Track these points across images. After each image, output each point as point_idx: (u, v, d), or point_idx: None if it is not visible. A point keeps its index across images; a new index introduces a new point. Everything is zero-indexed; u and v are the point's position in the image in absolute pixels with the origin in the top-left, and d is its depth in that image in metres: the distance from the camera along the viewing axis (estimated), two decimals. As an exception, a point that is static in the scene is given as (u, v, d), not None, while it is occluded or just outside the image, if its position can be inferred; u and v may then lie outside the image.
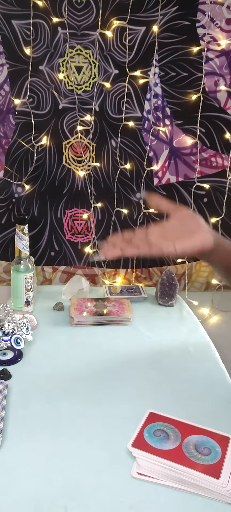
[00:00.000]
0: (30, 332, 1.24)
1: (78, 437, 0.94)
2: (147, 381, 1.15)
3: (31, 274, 1.49)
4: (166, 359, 1.27)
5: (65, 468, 0.86)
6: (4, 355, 1.22)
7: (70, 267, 1.79)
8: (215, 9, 1.61)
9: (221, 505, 0.78)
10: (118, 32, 1.62)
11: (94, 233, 1.76)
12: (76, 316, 1.44)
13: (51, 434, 0.95)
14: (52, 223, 1.75)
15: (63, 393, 1.09)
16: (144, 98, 1.67)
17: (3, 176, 1.69)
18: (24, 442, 0.92)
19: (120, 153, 1.71)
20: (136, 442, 0.87)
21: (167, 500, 0.80)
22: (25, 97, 1.64)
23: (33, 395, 1.08)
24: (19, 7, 1.58)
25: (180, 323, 1.52)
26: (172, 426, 0.92)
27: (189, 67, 1.65)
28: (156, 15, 1.60)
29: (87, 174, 1.72)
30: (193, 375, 1.20)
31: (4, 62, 1.62)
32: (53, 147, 1.69)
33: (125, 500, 0.79)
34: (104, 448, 0.91)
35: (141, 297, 1.66)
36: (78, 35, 1.61)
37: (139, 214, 1.75)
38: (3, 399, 1.03)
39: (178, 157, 1.72)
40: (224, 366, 1.24)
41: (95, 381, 1.15)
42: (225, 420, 0.99)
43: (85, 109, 1.67)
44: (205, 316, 1.82)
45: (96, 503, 0.79)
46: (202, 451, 0.85)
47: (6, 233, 1.73)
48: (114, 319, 1.46)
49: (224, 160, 1.72)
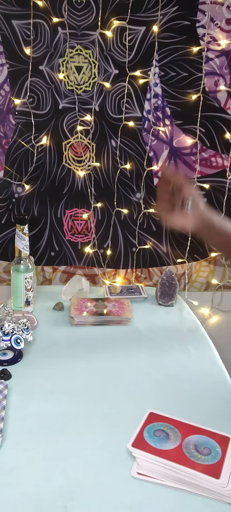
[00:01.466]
0: (30, 332, 1.24)
1: (78, 437, 0.94)
2: (147, 381, 1.16)
3: (31, 274, 1.49)
4: (166, 359, 1.27)
5: (65, 468, 0.86)
6: (4, 355, 1.22)
7: (70, 267, 1.79)
8: (215, 9, 1.61)
9: (221, 505, 0.78)
10: (118, 32, 1.62)
11: (94, 233, 1.76)
12: (76, 316, 1.44)
13: (51, 434, 0.95)
14: (52, 223, 1.75)
15: (63, 393, 1.09)
16: (144, 98, 1.67)
17: (3, 176, 1.69)
18: (24, 442, 0.92)
19: (120, 153, 1.71)
20: (136, 442, 0.87)
21: (167, 500, 0.80)
22: (25, 97, 1.64)
23: (33, 395, 1.08)
24: (19, 7, 1.58)
25: (180, 323, 1.52)
26: (172, 426, 0.92)
27: (189, 67, 1.65)
28: (156, 15, 1.60)
29: (87, 174, 1.72)
30: (193, 375, 1.20)
31: (4, 62, 1.62)
32: (53, 147, 1.69)
33: (125, 500, 0.79)
34: (104, 448, 0.91)
35: (141, 297, 1.66)
36: (78, 35, 1.61)
37: (139, 214, 1.75)
38: (3, 399, 1.03)
39: (178, 157, 1.72)
40: (224, 366, 1.24)
41: (95, 381, 1.15)
42: (225, 420, 0.99)
43: (85, 109, 1.67)
44: (205, 316, 1.83)
45: (96, 503, 0.79)
46: (202, 451, 0.85)
47: (6, 233, 1.73)
48: (114, 319, 1.46)
49: (224, 160, 1.72)
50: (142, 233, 1.77)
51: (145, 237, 1.78)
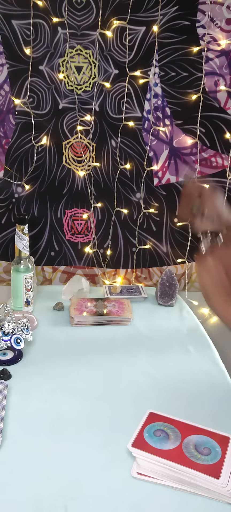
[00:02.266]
0: (30, 332, 1.24)
1: (78, 437, 0.94)
2: (147, 381, 1.15)
3: (31, 274, 1.49)
4: (166, 359, 1.27)
5: (65, 468, 0.86)
6: (4, 355, 1.22)
7: (70, 267, 1.79)
8: (215, 9, 1.61)
9: (221, 505, 0.78)
10: (118, 32, 1.61)
11: (94, 233, 1.76)
12: (76, 316, 1.44)
13: (51, 434, 0.95)
14: (52, 223, 1.74)
15: (63, 393, 1.09)
16: (144, 98, 1.67)
17: (3, 176, 1.69)
18: (24, 442, 0.92)
19: (120, 153, 1.70)
20: (136, 442, 0.87)
21: (167, 500, 0.80)
22: (25, 97, 1.64)
23: (33, 395, 1.08)
24: (19, 7, 1.58)
25: (180, 323, 1.52)
26: (172, 426, 0.92)
27: (189, 67, 1.65)
28: (156, 15, 1.60)
29: (87, 174, 1.72)
30: (193, 375, 1.20)
31: (4, 62, 1.62)
32: (53, 147, 1.69)
33: (125, 500, 0.79)
34: (104, 448, 0.91)
35: (141, 297, 1.66)
36: (78, 35, 1.61)
37: (139, 214, 1.75)
38: (3, 399, 1.03)
39: (178, 157, 1.72)
40: (224, 366, 1.24)
41: (95, 381, 1.15)
42: (225, 420, 0.99)
43: (85, 109, 1.67)
44: (205, 316, 1.82)
45: (96, 503, 0.79)
46: (202, 451, 0.85)
47: (6, 233, 1.73)
48: (114, 319, 1.46)
49: (224, 160, 1.72)
50: (142, 233, 1.77)
51: (145, 237, 1.78)
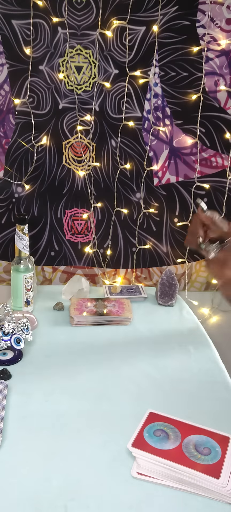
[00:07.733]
0: (30, 332, 1.24)
1: (78, 437, 0.94)
2: (147, 381, 1.15)
3: (31, 274, 1.49)
4: (166, 359, 1.27)
5: (65, 468, 0.86)
6: (4, 355, 1.22)
7: (70, 267, 1.79)
8: (215, 9, 1.61)
9: (221, 505, 0.78)
10: (118, 32, 1.61)
11: (94, 233, 1.76)
12: (76, 316, 1.44)
13: (51, 434, 0.95)
14: (52, 223, 1.74)
15: (63, 393, 1.09)
16: (144, 98, 1.67)
17: (3, 176, 1.69)
18: (24, 441, 0.92)
19: (120, 153, 1.70)
20: (136, 442, 0.87)
21: (167, 500, 0.80)
22: (25, 97, 1.64)
23: (33, 395, 1.08)
24: (19, 7, 1.58)
25: (180, 323, 1.52)
26: (172, 426, 0.92)
27: (189, 67, 1.65)
28: (156, 15, 1.60)
29: (87, 174, 1.72)
30: (193, 375, 1.20)
31: (4, 62, 1.62)
32: (53, 147, 1.69)
33: (125, 500, 0.79)
34: (104, 448, 0.91)
35: (141, 297, 1.66)
36: (78, 35, 1.61)
37: (139, 214, 1.75)
38: (3, 399, 1.03)
39: (178, 157, 1.72)
40: (224, 366, 1.24)
41: (95, 381, 1.15)
42: (225, 420, 0.99)
43: (85, 109, 1.67)
44: (205, 316, 1.82)
45: (96, 503, 0.79)
46: (202, 451, 0.85)
47: (6, 233, 1.73)
48: (114, 319, 1.46)
49: (224, 160, 1.72)
50: (142, 233, 1.77)
51: (145, 237, 1.78)
